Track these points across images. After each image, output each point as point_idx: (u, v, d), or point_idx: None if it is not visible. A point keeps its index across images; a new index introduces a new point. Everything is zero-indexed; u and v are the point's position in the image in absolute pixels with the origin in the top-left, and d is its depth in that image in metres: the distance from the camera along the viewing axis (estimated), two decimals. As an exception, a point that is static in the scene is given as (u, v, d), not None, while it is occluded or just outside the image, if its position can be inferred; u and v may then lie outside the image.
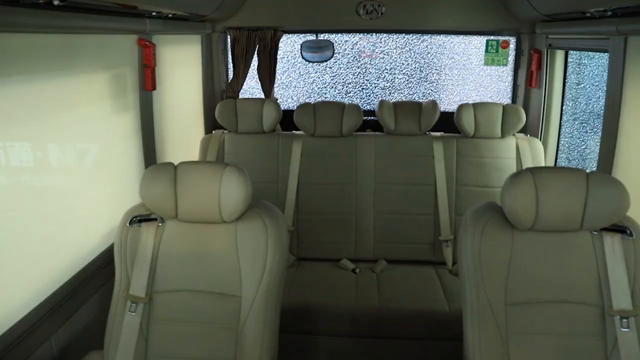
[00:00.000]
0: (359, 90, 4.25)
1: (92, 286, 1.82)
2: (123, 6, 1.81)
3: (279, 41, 3.14)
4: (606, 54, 2.09)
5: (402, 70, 4.27)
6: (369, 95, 4.06)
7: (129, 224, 1.64)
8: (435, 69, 4.18)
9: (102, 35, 1.90)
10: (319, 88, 4.27)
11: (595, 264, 1.56)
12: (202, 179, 1.57)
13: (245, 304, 1.59)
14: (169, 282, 1.63)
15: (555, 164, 2.95)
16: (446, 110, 3.18)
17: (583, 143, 2.98)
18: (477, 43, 3.64)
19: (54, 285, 1.66)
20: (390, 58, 4.24)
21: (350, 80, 4.28)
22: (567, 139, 3.00)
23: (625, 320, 1.51)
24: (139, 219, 1.65)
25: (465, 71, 4.07)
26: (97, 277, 1.85)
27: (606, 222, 1.54)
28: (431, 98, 3.73)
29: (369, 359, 2.35)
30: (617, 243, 1.55)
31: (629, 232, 1.54)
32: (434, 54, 4.14)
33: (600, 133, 2.14)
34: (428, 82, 4.22)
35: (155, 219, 1.65)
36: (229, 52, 3.17)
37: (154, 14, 2.06)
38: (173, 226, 1.65)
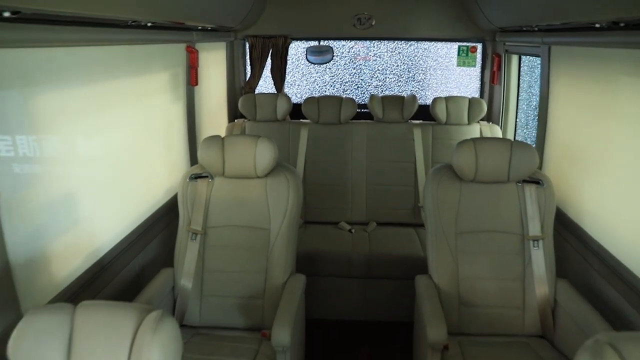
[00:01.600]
0: (354, 89, 4.89)
1: (160, 225, 2.49)
2: (178, 23, 2.48)
3: (288, 47, 3.80)
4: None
5: (392, 71, 4.93)
6: (364, 93, 4.69)
7: (189, 179, 2.30)
8: (421, 70, 4.85)
9: (165, 45, 2.57)
10: (319, 87, 4.91)
11: (518, 205, 2.23)
12: (243, 146, 2.22)
13: (272, 233, 2.25)
14: (218, 220, 2.29)
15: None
16: (424, 103, 3.84)
17: (531, 125, 3.62)
18: (455, 48, 4.31)
19: (135, 224, 2.32)
20: (382, 60, 4.90)
21: (347, 80, 4.93)
22: (522, 124, 3.68)
23: (536, 242, 2.18)
24: (195, 176, 2.31)
25: (447, 71, 4.74)
26: (162, 219, 2.52)
27: (525, 176, 2.21)
28: (414, 93, 4.40)
29: (360, 294, 3.02)
30: (533, 190, 2.22)
31: (541, 182, 2.22)
32: (420, 57, 4.81)
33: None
34: (415, 81, 4.89)
35: (207, 176, 2.31)
36: (247, 56, 3.83)
37: (199, 28, 2.73)
38: (220, 181, 2.31)
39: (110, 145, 2.14)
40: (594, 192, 2.23)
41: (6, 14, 1.21)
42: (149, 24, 2.08)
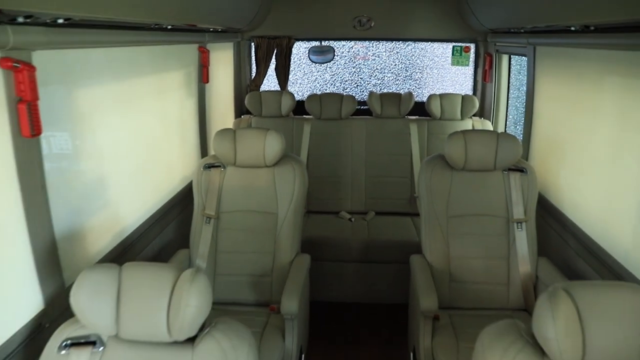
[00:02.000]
0: (354, 87, 5.10)
1: (175, 210, 2.71)
2: (191, 26, 2.69)
3: (292, 47, 4.01)
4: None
5: (390, 70, 5.14)
6: (363, 91, 4.90)
7: (203, 168, 2.51)
8: (418, 69, 5.07)
9: (180, 45, 2.79)
10: (320, 85, 5.12)
11: (504, 191, 2.44)
12: (253, 137, 2.44)
13: (280, 217, 2.46)
14: (230, 205, 2.50)
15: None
16: (421, 100, 4.05)
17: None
18: (450, 48, 4.52)
19: (154, 209, 2.54)
20: (381, 60, 5.11)
21: (347, 79, 5.15)
22: (516, 121, 3.89)
23: (519, 224, 2.40)
24: (208, 165, 2.52)
25: (443, 70, 4.96)
26: (178, 205, 2.74)
27: (510, 164, 2.43)
28: (412, 91, 4.62)
29: (360, 278, 3.24)
30: (517, 178, 2.43)
31: (525, 171, 2.43)
32: (417, 56, 5.02)
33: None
34: (412, 79, 5.10)
35: (219, 166, 2.52)
36: (253, 55, 4.05)
37: (210, 29, 2.95)
38: (232, 170, 2.52)
39: (134, 137, 2.35)
40: (572, 179, 2.45)
41: (60, 21, 1.43)
42: (169, 27, 2.30)
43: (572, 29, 2.10)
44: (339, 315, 3.20)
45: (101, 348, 1.35)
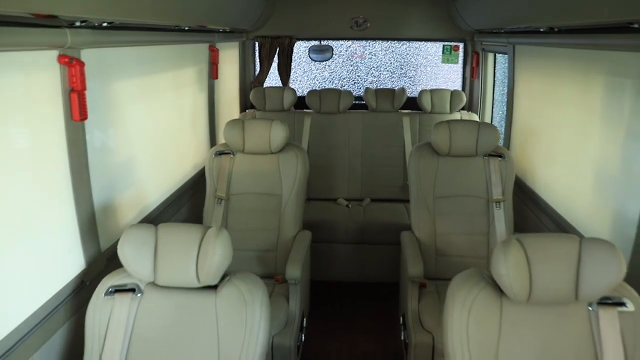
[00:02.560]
0: (351, 84, 5.39)
1: (188, 194, 3.01)
2: (202, 26, 2.98)
3: (293, 46, 4.31)
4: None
5: (386, 68, 5.43)
6: (360, 88, 5.18)
7: (214, 155, 2.80)
8: (413, 67, 5.36)
9: (193, 45, 3.08)
10: (320, 82, 5.40)
11: (484, 174, 2.73)
12: (260, 127, 2.72)
13: (284, 198, 2.75)
14: (239, 188, 2.79)
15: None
16: (414, 96, 4.34)
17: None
18: (441, 47, 4.81)
19: (170, 191, 2.82)
20: (377, 58, 5.40)
21: (345, 76, 5.43)
22: (501, 113, 4.19)
23: (498, 204, 2.68)
24: (219, 152, 2.80)
25: (436, 68, 5.25)
26: (191, 189, 3.03)
27: (489, 150, 2.71)
28: (406, 88, 4.91)
29: (356, 258, 3.53)
30: (496, 163, 2.71)
31: (503, 156, 2.71)
32: (412, 55, 5.32)
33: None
34: (407, 77, 5.40)
35: (229, 153, 2.81)
36: (257, 54, 4.34)
37: (220, 30, 3.24)
38: (240, 156, 2.80)
39: (155, 126, 2.65)
40: (545, 163, 2.75)
41: (104, 24, 1.72)
42: (186, 28, 2.59)
43: (541, 30, 2.39)
44: (337, 292, 3.50)
45: (139, 294, 1.63)
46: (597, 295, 1.44)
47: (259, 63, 4.37)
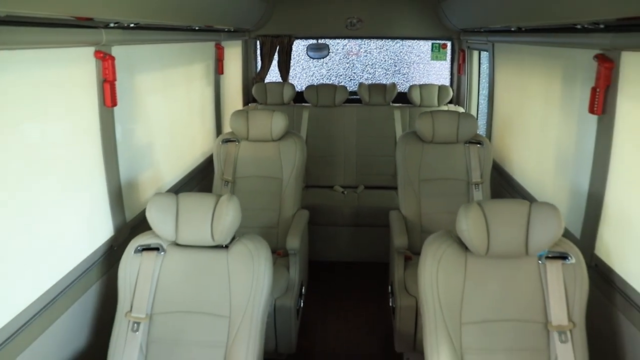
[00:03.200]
0: (347, 81, 5.69)
1: (197, 178, 3.31)
2: (208, 26, 3.28)
3: (292, 44, 4.61)
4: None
5: (381, 65, 5.74)
6: (356, 85, 5.48)
7: (221, 142, 3.10)
8: (406, 64, 5.67)
9: (202, 43, 3.39)
10: (317, 79, 5.70)
11: (464, 159, 3.04)
12: (263, 116, 3.03)
13: (284, 182, 3.05)
14: (244, 172, 3.09)
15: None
16: (405, 91, 4.66)
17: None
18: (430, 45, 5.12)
19: (181, 175, 3.13)
20: (372, 56, 5.71)
21: (341, 73, 5.74)
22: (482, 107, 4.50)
23: (476, 186, 3.00)
24: (226, 140, 3.11)
25: (428, 65, 5.56)
26: (199, 174, 3.34)
27: (469, 137, 3.02)
28: (399, 85, 5.22)
29: (350, 240, 3.84)
30: (475, 149, 3.03)
31: (481, 143, 3.02)
32: (405, 52, 5.63)
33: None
34: (400, 74, 5.70)
35: (234, 141, 3.11)
36: (258, 52, 4.65)
37: (225, 30, 3.55)
38: (245, 143, 3.11)
39: (169, 115, 2.96)
40: (519, 150, 3.06)
41: (132, 25, 2.03)
42: (197, 27, 2.90)
43: (513, 29, 2.70)
44: (333, 271, 3.81)
45: (162, 253, 1.94)
46: (542, 248, 1.75)
47: (260, 60, 4.67)
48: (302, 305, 2.86)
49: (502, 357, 1.76)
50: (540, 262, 1.79)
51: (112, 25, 1.91)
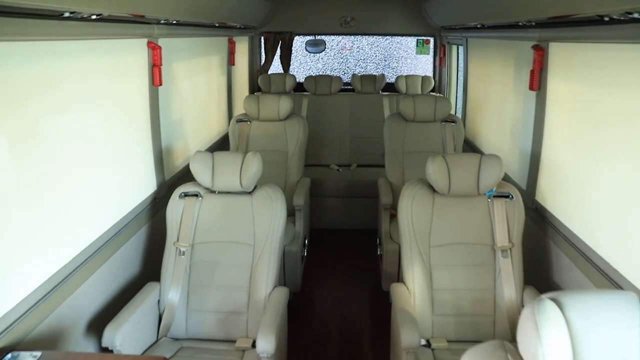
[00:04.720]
0: (341, 74, 6.26)
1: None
2: (223, 24, 3.85)
3: (293, 40, 5.19)
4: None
5: (372, 60, 6.31)
6: (349, 77, 6.05)
7: (236, 122, 3.67)
8: (395, 59, 6.25)
9: (218, 38, 3.97)
10: (314, 73, 6.27)
11: (441, 136, 3.63)
12: (271, 98, 3.61)
13: (290, 154, 3.63)
14: (256, 146, 3.65)
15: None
16: (391, 82, 5.24)
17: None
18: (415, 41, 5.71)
19: (203, 148, 3.69)
20: (364, 51, 6.28)
21: (336, 67, 6.31)
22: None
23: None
24: (239, 119, 3.68)
25: (416, 60, 6.14)
26: (216, 149, 3.90)
27: (444, 116, 3.61)
28: (388, 77, 5.78)
29: (345, 210, 4.43)
30: (449, 126, 3.62)
31: (455, 122, 3.62)
32: (394, 48, 6.20)
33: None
34: (390, 68, 6.28)
35: (247, 121, 3.69)
36: (263, 46, 5.22)
37: (238, 26, 4.12)
38: (256, 123, 3.68)
39: (194, 97, 3.53)
40: (485, 127, 3.66)
41: (174, 22, 2.60)
42: (217, 24, 3.47)
43: (477, 26, 3.30)
44: (330, 236, 4.39)
45: (200, 198, 2.50)
46: (489, 188, 2.33)
47: (264, 54, 5.25)
48: (305, 254, 3.44)
49: (460, 270, 2.34)
50: (489, 200, 2.37)
51: (162, 21, 2.48)
